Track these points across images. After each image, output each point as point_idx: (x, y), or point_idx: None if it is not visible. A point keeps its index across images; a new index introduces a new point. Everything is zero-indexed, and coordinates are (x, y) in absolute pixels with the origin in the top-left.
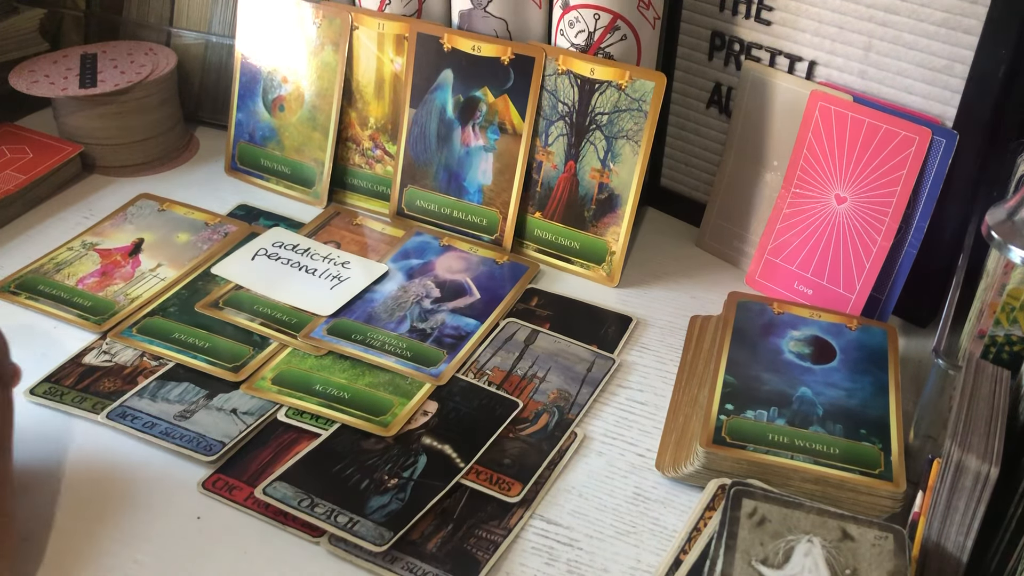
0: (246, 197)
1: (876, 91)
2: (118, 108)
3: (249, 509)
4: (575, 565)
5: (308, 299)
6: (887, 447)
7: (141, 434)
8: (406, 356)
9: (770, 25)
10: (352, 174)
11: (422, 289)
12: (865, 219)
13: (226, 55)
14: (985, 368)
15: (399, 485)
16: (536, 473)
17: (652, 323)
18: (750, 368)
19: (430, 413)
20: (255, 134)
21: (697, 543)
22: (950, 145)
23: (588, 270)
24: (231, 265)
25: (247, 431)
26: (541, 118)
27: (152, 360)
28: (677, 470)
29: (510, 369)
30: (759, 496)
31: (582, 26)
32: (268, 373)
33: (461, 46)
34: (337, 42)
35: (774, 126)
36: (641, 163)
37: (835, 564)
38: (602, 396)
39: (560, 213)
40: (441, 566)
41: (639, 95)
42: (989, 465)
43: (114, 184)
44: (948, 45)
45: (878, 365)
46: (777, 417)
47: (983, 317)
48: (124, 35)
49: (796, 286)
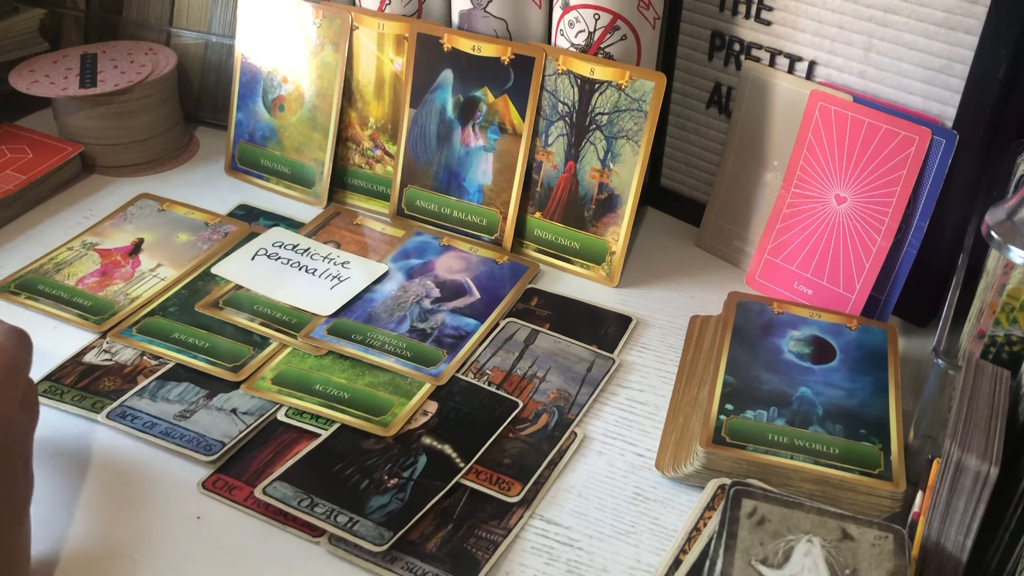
0: (246, 197)
1: (876, 91)
2: (118, 108)
3: (249, 509)
4: (575, 565)
5: (308, 299)
6: (887, 447)
7: (141, 434)
8: (406, 356)
9: (770, 25)
10: (352, 174)
11: (422, 289)
12: (865, 219)
13: (226, 55)
14: (985, 368)
15: (399, 485)
16: (536, 473)
17: (652, 323)
18: (750, 368)
19: (430, 413)
20: (255, 134)
21: (697, 543)
22: (950, 145)
23: (588, 270)
24: (231, 265)
25: (247, 431)
26: (541, 118)
27: (152, 360)
28: (677, 470)
29: (510, 369)
30: (759, 496)
31: (582, 26)
32: (268, 373)
33: (461, 46)
34: (337, 42)
35: (774, 126)
36: (641, 163)
37: (835, 564)
38: (602, 396)
39: (560, 213)
40: (441, 566)
41: (639, 95)
42: (989, 465)
43: (114, 184)
44: (948, 45)
45: (878, 365)
46: (777, 417)
47: (983, 317)
48: (124, 35)
49: (796, 286)
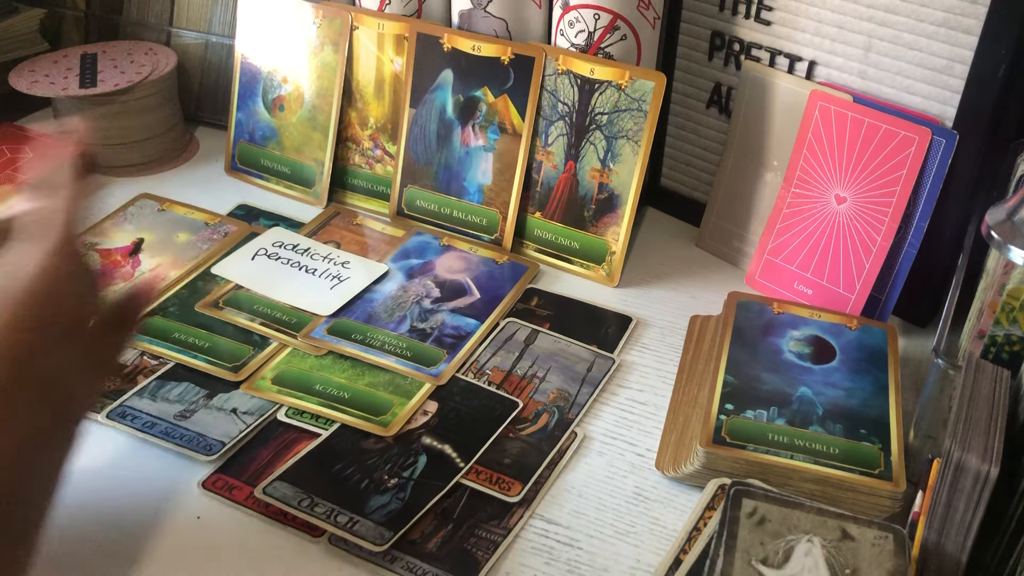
0: (246, 197)
1: (876, 91)
2: (118, 108)
3: (249, 509)
4: (575, 565)
5: (308, 299)
6: (887, 447)
7: (141, 434)
8: (406, 356)
9: (770, 25)
10: (352, 174)
11: (422, 289)
12: (865, 219)
13: (226, 55)
14: (985, 368)
15: (399, 485)
16: (536, 473)
17: (652, 323)
18: (750, 368)
19: (430, 413)
20: (255, 134)
21: (697, 543)
22: (950, 145)
23: (588, 270)
24: (231, 265)
25: (247, 431)
26: (541, 118)
27: (152, 360)
28: (677, 470)
29: (510, 369)
30: (759, 496)
31: (582, 26)
32: (268, 373)
33: (461, 46)
34: (337, 42)
35: (774, 126)
36: (641, 163)
37: (835, 564)
38: (602, 396)
39: (560, 213)
40: (441, 566)
41: (639, 95)
42: (989, 465)
43: (114, 184)
44: (948, 45)
45: (878, 365)
46: (777, 417)
47: (983, 317)
48: (124, 35)
49: (796, 286)
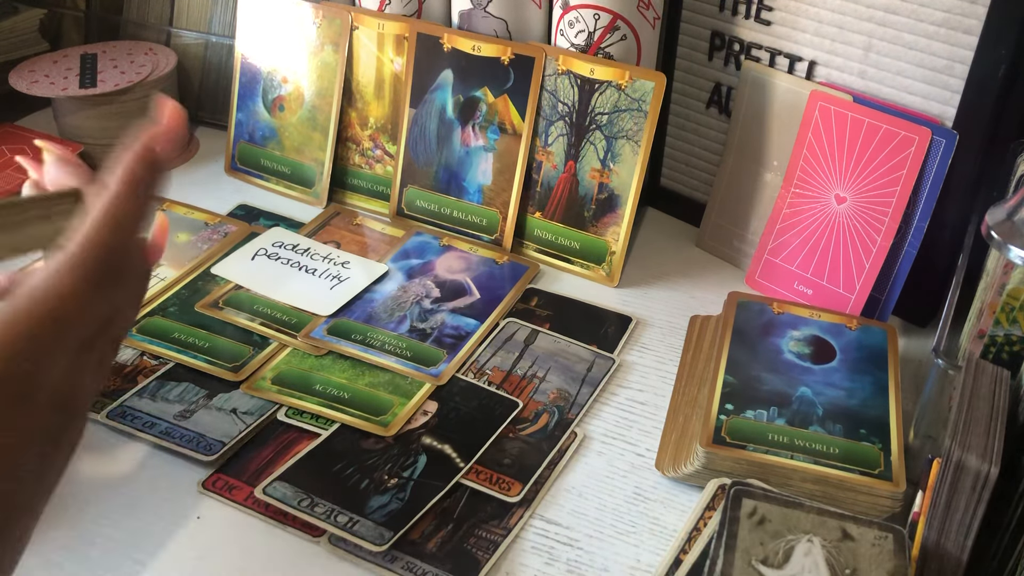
0: (246, 197)
1: (876, 91)
2: (118, 108)
3: (249, 509)
4: (575, 565)
5: (308, 299)
6: (887, 447)
7: (141, 433)
8: (406, 356)
9: (770, 25)
10: (352, 174)
11: (422, 289)
12: (865, 219)
13: (226, 55)
14: (985, 368)
15: (399, 485)
16: (536, 473)
17: (652, 323)
18: (750, 368)
19: (430, 413)
20: (255, 134)
21: (697, 543)
22: (950, 145)
23: (588, 270)
24: (231, 265)
25: (247, 431)
26: (541, 118)
27: (152, 360)
28: (677, 470)
29: (510, 369)
30: (759, 496)
31: (582, 26)
32: (268, 373)
33: (461, 46)
34: (337, 42)
35: (774, 126)
36: (641, 163)
37: (835, 564)
38: (602, 396)
39: (560, 213)
40: (441, 566)
41: (639, 95)
42: (989, 465)
43: None
44: (948, 45)
45: (878, 365)
46: (777, 417)
47: (983, 317)
48: (124, 35)
49: (796, 286)
